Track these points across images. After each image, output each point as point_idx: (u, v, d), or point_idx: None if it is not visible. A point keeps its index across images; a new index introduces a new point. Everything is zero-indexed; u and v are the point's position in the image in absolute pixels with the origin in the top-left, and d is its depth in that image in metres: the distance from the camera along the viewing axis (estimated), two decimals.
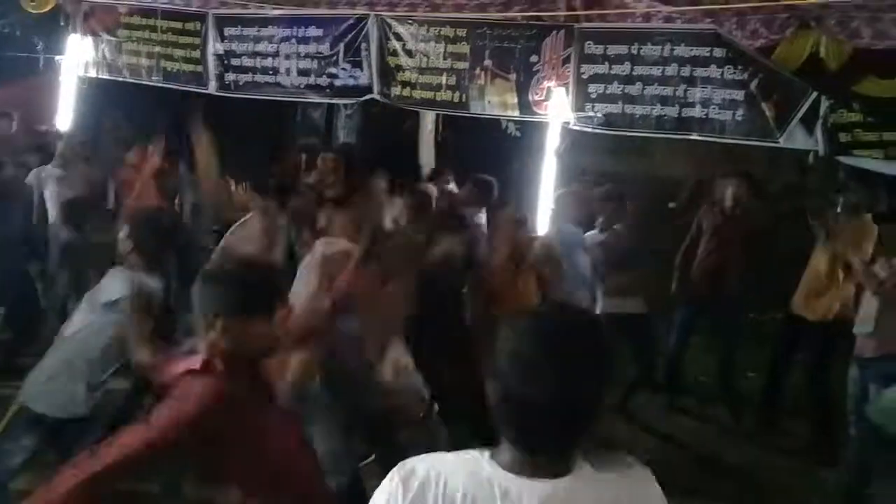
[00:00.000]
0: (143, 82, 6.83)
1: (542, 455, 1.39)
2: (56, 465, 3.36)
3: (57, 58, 7.20)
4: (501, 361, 1.38)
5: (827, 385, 5.35)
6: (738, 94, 4.87)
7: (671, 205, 7.15)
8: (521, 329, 1.40)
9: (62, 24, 7.03)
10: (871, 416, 3.92)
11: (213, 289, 2.14)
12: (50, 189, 6.04)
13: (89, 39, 6.96)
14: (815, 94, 4.71)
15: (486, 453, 1.42)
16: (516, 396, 1.35)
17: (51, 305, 5.74)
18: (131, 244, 3.52)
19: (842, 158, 4.88)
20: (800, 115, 4.75)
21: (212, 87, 6.54)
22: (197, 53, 6.54)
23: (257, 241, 4.60)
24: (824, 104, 4.71)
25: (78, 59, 6.97)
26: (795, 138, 4.81)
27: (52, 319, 5.34)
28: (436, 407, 3.80)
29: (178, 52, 6.63)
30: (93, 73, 7.02)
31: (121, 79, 6.95)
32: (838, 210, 5.29)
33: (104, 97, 7.82)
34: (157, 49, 6.69)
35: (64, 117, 6.83)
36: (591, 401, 1.38)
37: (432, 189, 6.24)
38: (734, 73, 4.86)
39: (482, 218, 6.07)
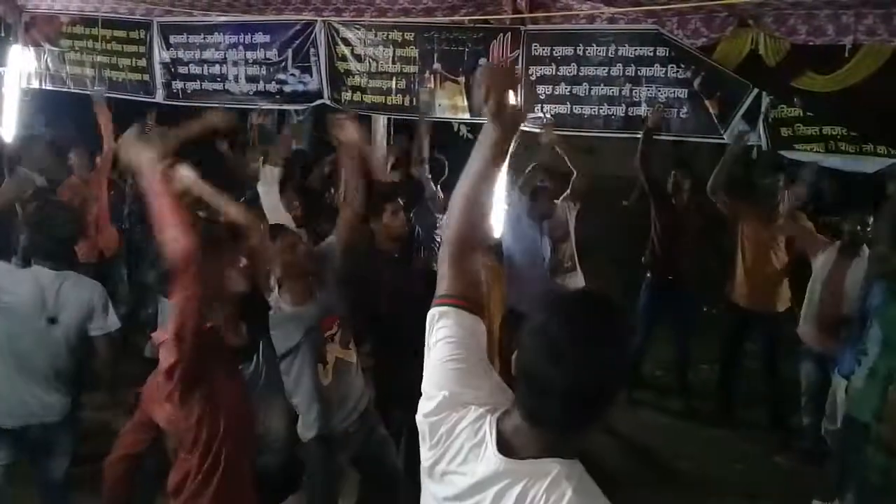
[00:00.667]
0: (88, 92, 6.70)
1: (543, 430, 1.43)
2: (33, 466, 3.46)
3: None
4: (527, 337, 1.43)
5: (777, 374, 5.49)
6: (682, 93, 4.99)
7: (625, 202, 7.27)
8: (552, 309, 1.45)
9: (2, 35, 6.87)
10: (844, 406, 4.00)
11: None
12: None
13: (31, 50, 6.82)
14: (755, 91, 4.84)
15: (496, 416, 1.49)
16: (535, 373, 1.41)
17: None
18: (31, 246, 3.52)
19: (784, 153, 5.00)
20: (742, 111, 4.89)
21: (159, 96, 6.46)
22: (143, 62, 6.45)
23: None
24: (765, 100, 4.85)
25: (20, 70, 6.83)
26: (738, 134, 4.93)
27: None
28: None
29: (124, 61, 6.54)
30: (36, 84, 6.89)
31: (65, 89, 6.83)
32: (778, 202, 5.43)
33: (49, 107, 7.67)
34: (102, 58, 6.59)
35: (7, 129, 6.67)
36: (605, 388, 1.42)
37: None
38: (678, 71, 4.98)
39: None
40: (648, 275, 5.99)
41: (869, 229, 4.74)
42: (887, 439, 3.38)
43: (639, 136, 5.15)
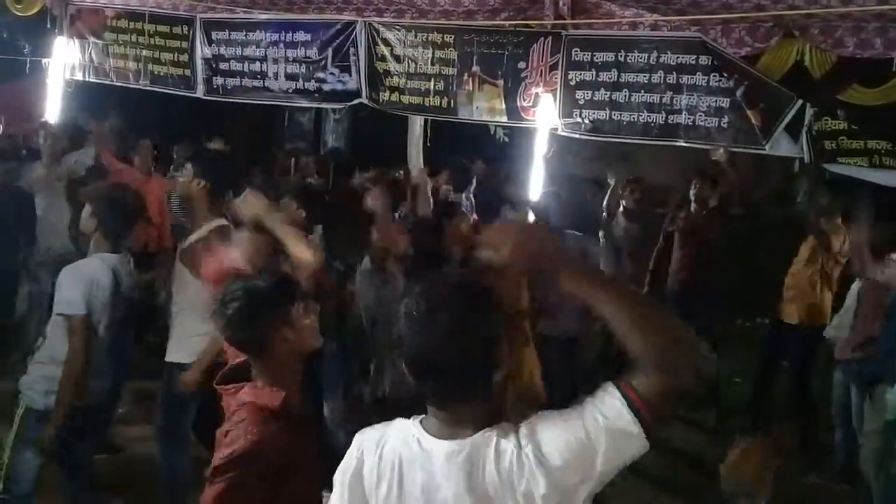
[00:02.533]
0: (131, 86, 6.81)
1: (448, 412, 1.51)
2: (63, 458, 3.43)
3: (44, 60, 7.15)
4: (400, 324, 1.53)
5: (810, 389, 5.39)
6: (724, 102, 4.93)
7: (659, 210, 7.20)
8: (413, 293, 1.54)
9: (49, 26, 6.99)
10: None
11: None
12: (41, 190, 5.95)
13: (76, 42, 6.94)
14: (799, 102, 4.77)
15: (420, 419, 1.56)
16: (409, 353, 1.51)
17: (37, 303, 5.67)
18: (95, 223, 3.44)
19: (827, 166, 4.93)
20: (785, 122, 4.82)
21: (199, 91, 6.54)
22: (185, 57, 6.53)
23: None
24: (809, 112, 4.78)
25: (65, 61, 6.94)
26: (781, 146, 4.87)
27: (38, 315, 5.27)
28: None
29: (166, 56, 6.62)
30: (80, 77, 7.00)
31: (108, 82, 6.94)
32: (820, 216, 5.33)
33: (92, 99, 7.78)
34: (145, 52, 6.69)
35: (51, 119, 6.78)
36: (471, 357, 1.48)
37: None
38: (720, 80, 4.92)
39: (463, 202, 6.11)
40: (673, 285, 5.90)
41: None
42: None
43: (678, 143, 5.09)
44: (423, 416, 1.56)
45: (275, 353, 2.12)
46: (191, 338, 3.48)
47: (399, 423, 1.59)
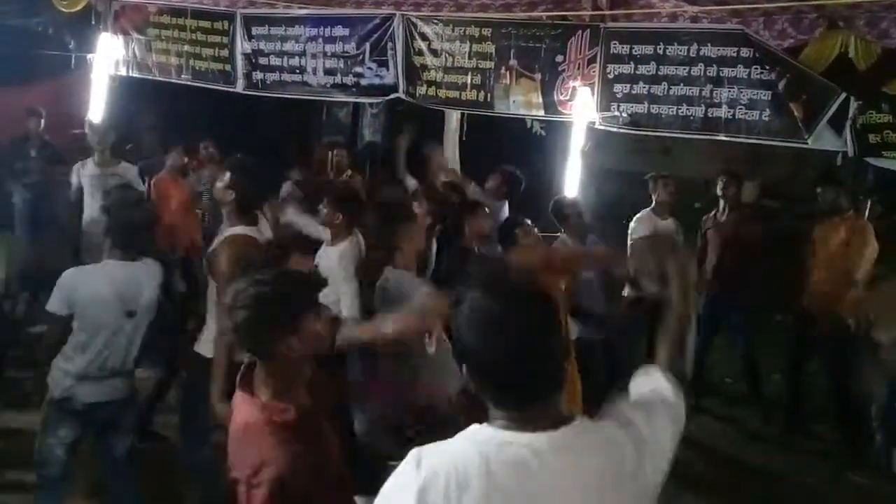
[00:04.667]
0: (173, 81, 6.91)
1: (528, 411, 1.47)
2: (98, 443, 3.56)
3: (88, 56, 7.30)
4: (462, 324, 1.50)
5: (849, 387, 5.29)
6: (766, 95, 4.85)
7: (697, 205, 7.12)
8: (477, 292, 1.51)
9: (93, 22, 7.13)
10: None
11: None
12: (87, 186, 6.09)
13: (120, 38, 7.06)
14: (843, 95, 4.68)
15: (483, 425, 1.50)
16: (478, 354, 1.48)
17: None
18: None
19: (871, 160, 4.84)
20: (828, 115, 4.72)
21: (239, 86, 6.62)
22: (225, 52, 6.61)
23: None
24: (853, 105, 4.68)
25: (109, 57, 7.07)
26: (824, 139, 4.78)
27: None
28: None
29: (207, 51, 6.71)
30: (123, 72, 7.13)
31: (151, 77, 7.06)
32: (865, 211, 5.24)
33: (134, 95, 7.91)
34: (187, 48, 6.79)
35: (97, 115, 6.91)
36: (547, 353, 1.49)
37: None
38: (761, 73, 4.84)
39: (506, 211, 6.05)
40: (706, 282, 5.84)
41: None
42: None
43: (718, 137, 5.03)
44: (489, 422, 1.50)
45: (283, 360, 2.10)
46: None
47: (462, 435, 1.51)
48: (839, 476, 5.01)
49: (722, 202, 5.83)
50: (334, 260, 4.01)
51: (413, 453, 1.50)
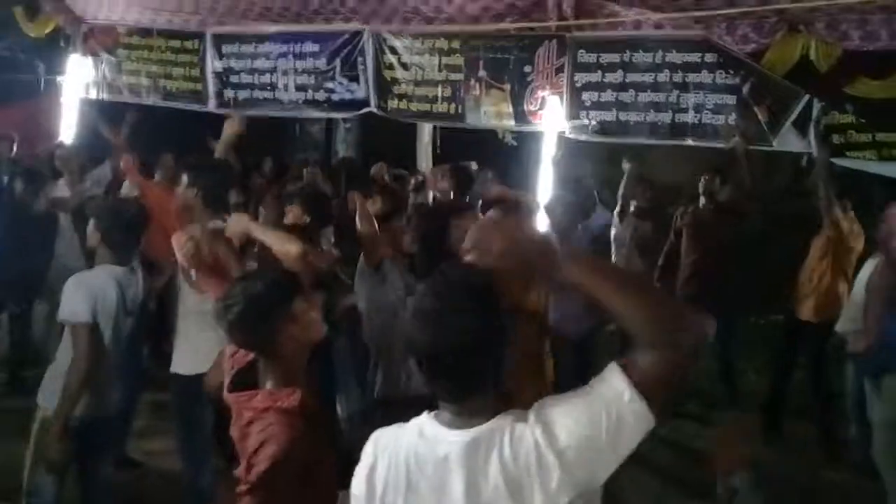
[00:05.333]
0: (144, 101, 6.90)
1: (462, 405, 1.52)
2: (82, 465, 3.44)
3: (58, 79, 7.27)
4: (408, 323, 1.56)
5: (825, 384, 5.36)
6: (731, 99, 4.93)
7: (670, 209, 7.18)
8: (419, 292, 1.57)
9: (62, 45, 7.12)
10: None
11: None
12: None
13: (89, 60, 7.04)
14: (806, 97, 4.77)
15: (432, 414, 1.58)
16: (420, 351, 1.52)
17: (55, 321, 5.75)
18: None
19: (836, 160, 4.90)
20: (792, 118, 4.82)
21: (211, 105, 6.62)
22: (196, 71, 6.62)
23: None
24: (816, 106, 4.77)
25: (79, 79, 7.05)
26: (789, 141, 4.87)
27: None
28: None
29: (178, 71, 6.72)
30: (94, 94, 7.10)
31: (122, 98, 7.03)
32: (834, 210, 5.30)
33: (106, 116, 7.87)
34: (157, 68, 6.78)
35: (67, 136, 6.88)
36: (482, 351, 1.50)
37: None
38: (726, 77, 4.93)
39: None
40: (680, 284, 5.89)
41: None
42: None
43: (686, 142, 5.10)
44: (436, 411, 1.58)
45: (283, 351, 2.17)
46: (195, 348, 3.47)
47: (413, 421, 1.61)
48: (816, 472, 5.06)
49: (702, 199, 5.87)
50: None
51: (374, 434, 1.65)
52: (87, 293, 3.24)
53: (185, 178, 3.59)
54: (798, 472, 5.08)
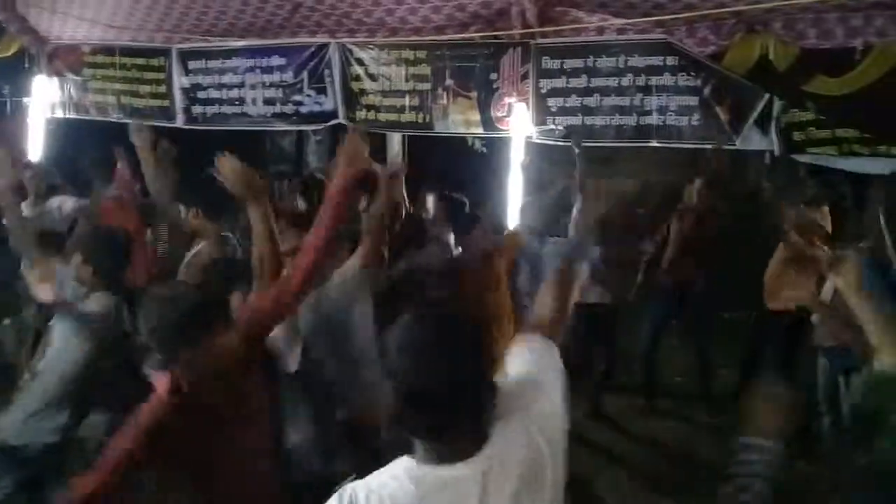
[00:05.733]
0: (111, 120, 6.87)
1: (446, 442, 1.51)
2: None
3: (24, 100, 7.22)
4: (389, 357, 1.53)
5: (797, 377, 5.44)
6: (693, 100, 5.01)
7: (640, 210, 7.27)
8: (403, 326, 1.54)
9: (27, 66, 7.07)
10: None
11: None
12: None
13: (55, 80, 7.01)
14: (767, 96, 4.85)
15: (410, 459, 1.54)
16: (402, 387, 1.49)
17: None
18: (89, 269, 3.48)
19: (797, 157, 5.00)
20: (754, 116, 4.90)
21: (179, 121, 6.60)
22: (163, 88, 6.60)
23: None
24: (777, 105, 4.86)
25: (45, 100, 7.01)
26: (751, 140, 4.95)
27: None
28: None
29: (145, 88, 6.70)
30: (60, 114, 7.07)
31: (89, 118, 7.00)
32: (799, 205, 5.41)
33: (72, 137, 7.82)
34: (123, 86, 6.76)
35: (34, 156, 6.83)
36: (465, 385, 1.50)
37: None
38: (688, 79, 5.01)
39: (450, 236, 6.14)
40: (662, 282, 5.98)
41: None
42: None
43: (650, 144, 5.18)
44: (413, 455, 1.54)
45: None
46: None
47: (388, 469, 1.56)
48: (791, 465, 5.13)
49: (694, 203, 5.94)
50: None
51: (338, 493, 1.54)
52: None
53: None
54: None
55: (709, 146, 5.13)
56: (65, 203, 6.06)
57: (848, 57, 4.75)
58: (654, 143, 5.19)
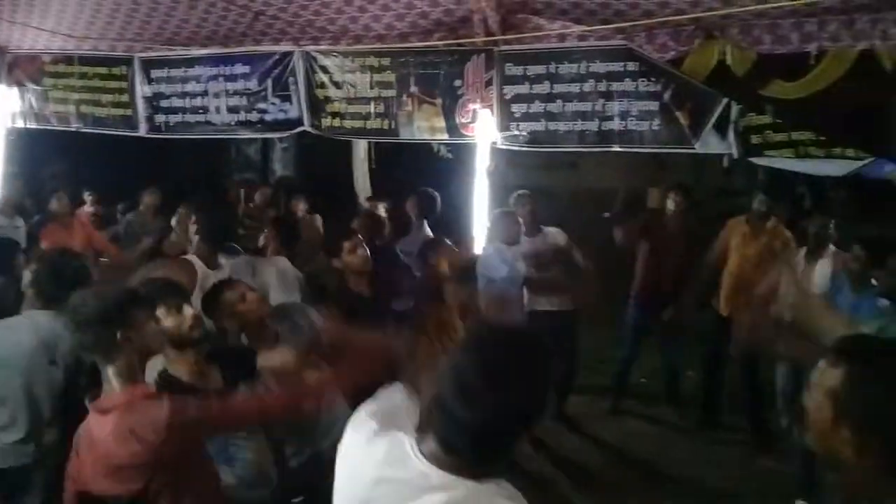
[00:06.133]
0: (73, 130, 6.79)
1: (455, 455, 1.49)
2: None
3: None
4: (444, 372, 1.50)
5: (756, 378, 5.56)
6: (654, 105, 5.08)
7: (605, 214, 7.36)
8: (467, 347, 1.53)
9: None
10: None
11: None
12: None
13: (14, 90, 6.91)
14: (725, 101, 4.93)
15: (413, 438, 1.55)
16: (446, 408, 1.47)
17: None
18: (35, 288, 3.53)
19: (755, 160, 5.09)
20: (712, 121, 4.97)
21: (142, 130, 6.54)
22: (125, 97, 6.54)
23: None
24: (735, 109, 4.93)
25: (4, 110, 6.91)
26: (710, 144, 5.02)
27: None
28: None
29: (107, 97, 6.62)
30: (21, 124, 6.97)
31: (49, 127, 6.92)
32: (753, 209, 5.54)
33: (41, 145, 7.73)
34: (85, 95, 6.68)
35: None
36: (513, 425, 1.49)
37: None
38: (648, 85, 5.07)
39: (426, 230, 6.24)
40: (635, 289, 6.08)
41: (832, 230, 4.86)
42: None
43: (613, 149, 5.25)
44: (418, 434, 1.56)
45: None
46: None
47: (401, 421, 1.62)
48: (751, 462, 5.24)
49: (671, 210, 6.07)
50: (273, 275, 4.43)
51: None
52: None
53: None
54: (732, 460, 5.27)
55: (669, 150, 5.21)
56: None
57: (803, 62, 4.87)
58: (617, 148, 5.25)
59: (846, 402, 1.45)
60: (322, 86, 5.91)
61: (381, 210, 6.92)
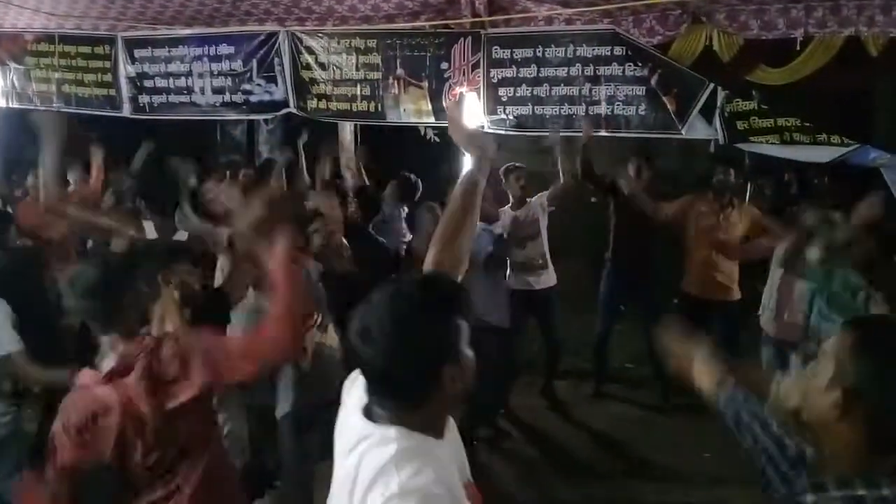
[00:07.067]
0: (54, 108, 6.71)
1: (380, 400, 1.60)
2: None
3: None
4: (351, 321, 1.60)
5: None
6: (640, 90, 5.09)
7: (593, 199, 7.36)
8: (371, 296, 1.60)
9: None
10: None
11: None
12: None
13: None
14: (711, 86, 4.95)
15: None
16: (355, 352, 1.57)
17: None
18: None
19: (741, 145, 5.11)
20: (699, 106, 4.99)
21: (126, 111, 6.48)
22: (108, 77, 6.47)
23: None
24: (721, 95, 4.95)
25: None
26: (696, 129, 5.05)
27: None
28: None
29: (90, 77, 6.55)
30: (3, 103, 6.89)
31: (32, 107, 6.83)
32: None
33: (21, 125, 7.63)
34: (67, 75, 6.60)
35: None
36: (417, 366, 1.54)
37: None
38: (635, 69, 5.08)
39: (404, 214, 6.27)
40: (609, 267, 6.12)
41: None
42: None
43: (599, 133, 5.25)
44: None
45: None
46: None
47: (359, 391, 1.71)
48: (734, 448, 5.27)
49: (634, 184, 6.01)
50: None
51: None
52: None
53: None
54: (717, 446, 5.29)
55: (656, 135, 5.21)
56: None
57: (789, 48, 4.89)
58: (603, 133, 5.25)
59: (845, 363, 1.53)
60: (308, 67, 5.86)
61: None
